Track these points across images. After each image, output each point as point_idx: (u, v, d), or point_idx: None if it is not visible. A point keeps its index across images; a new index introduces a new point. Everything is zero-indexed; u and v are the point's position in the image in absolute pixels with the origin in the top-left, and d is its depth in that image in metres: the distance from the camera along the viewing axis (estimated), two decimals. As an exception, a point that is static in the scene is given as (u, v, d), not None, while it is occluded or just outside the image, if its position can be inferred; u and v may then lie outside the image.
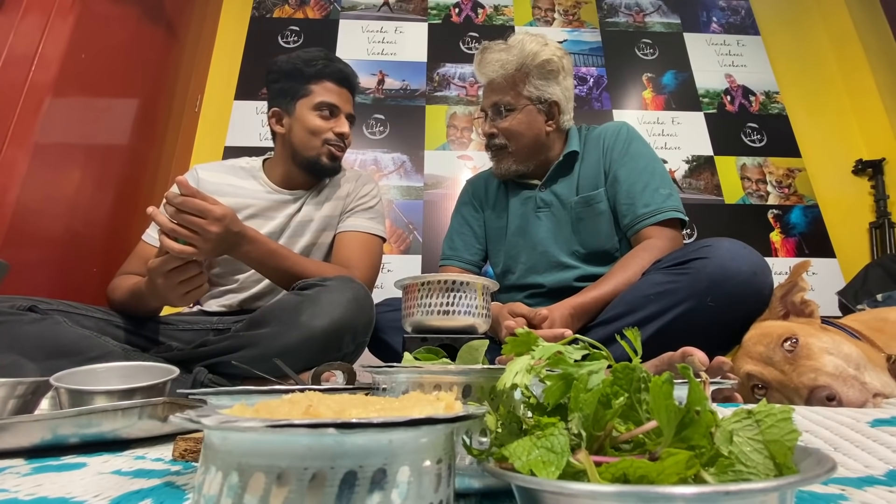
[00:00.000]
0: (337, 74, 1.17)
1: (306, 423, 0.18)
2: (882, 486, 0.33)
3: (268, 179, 1.20)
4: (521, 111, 1.12)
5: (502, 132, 1.13)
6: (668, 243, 1.01)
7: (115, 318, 1.00)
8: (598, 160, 1.14)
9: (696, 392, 0.23)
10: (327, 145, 1.15)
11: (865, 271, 1.55)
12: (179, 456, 0.45)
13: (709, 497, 0.19)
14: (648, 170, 1.08)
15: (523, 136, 1.13)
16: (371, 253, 1.18)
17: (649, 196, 1.05)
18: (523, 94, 1.12)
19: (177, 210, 0.82)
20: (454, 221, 1.31)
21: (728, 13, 2.44)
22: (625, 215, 1.07)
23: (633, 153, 1.10)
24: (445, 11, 2.34)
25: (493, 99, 1.14)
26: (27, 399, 0.58)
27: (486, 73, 1.14)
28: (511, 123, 1.12)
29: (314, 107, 1.14)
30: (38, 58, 1.27)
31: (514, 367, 0.29)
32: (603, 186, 1.11)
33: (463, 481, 0.32)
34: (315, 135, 1.14)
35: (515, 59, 1.10)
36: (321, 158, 1.15)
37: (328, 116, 1.15)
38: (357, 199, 1.23)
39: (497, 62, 1.11)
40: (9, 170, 1.18)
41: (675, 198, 1.06)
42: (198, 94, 2.13)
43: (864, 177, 2.12)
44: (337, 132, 1.15)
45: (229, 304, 1.14)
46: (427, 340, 0.56)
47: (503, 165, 1.17)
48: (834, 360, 0.67)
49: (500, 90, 1.13)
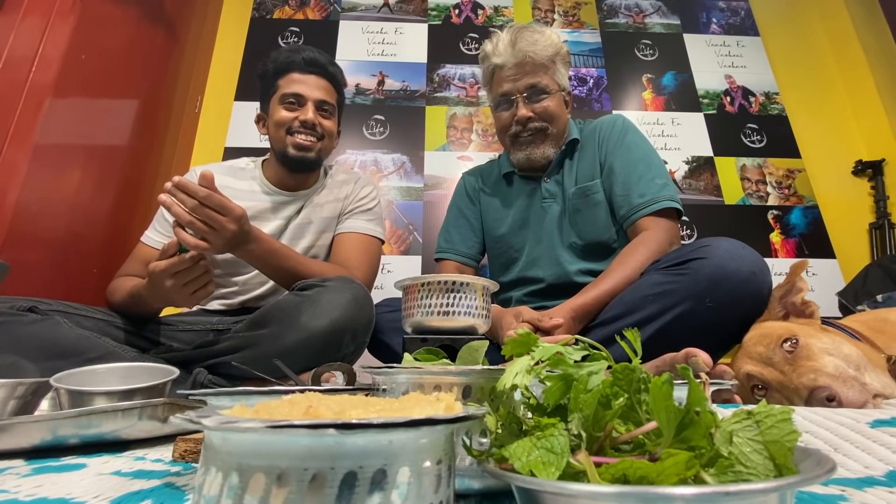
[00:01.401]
0: (300, 63, 1.14)
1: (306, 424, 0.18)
2: (882, 486, 0.33)
3: (266, 181, 1.20)
4: (555, 96, 1.12)
5: (541, 114, 1.11)
6: (664, 234, 1.00)
7: (115, 319, 1.00)
8: (595, 152, 1.14)
9: (695, 393, 0.23)
10: (289, 135, 1.12)
11: (865, 272, 1.55)
12: (179, 457, 0.45)
13: (708, 498, 0.19)
14: (644, 161, 1.08)
15: (560, 119, 1.14)
16: (370, 254, 1.17)
17: (644, 186, 1.05)
18: (555, 79, 1.12)
19: (199, 204, 0.80)
20: (450, 214, 1.30)
21: (728, 14, 2.44)
22: (620, 206, 1.06)
23: (629, 144, 1.11)
24: (445, 12, 2.35)
25: (530, 81, 1.10)
26: (27, 400, 0.58)
27: (527, 52, 1.08)
28: (550, 105, 1.11)
29: (279, 100, 1.13)
30: (38, 59, 1.27)
31: (514, 368, 0.29)
32: (599, 178, 1.11)
33: (463, 482, 0.32)
34: (280, 126, 1.13)
35: (551, 44, 1.10)
36: (288, 150, 1.13)
37: (294, 107, 1.13)
38: (356, 201, 1.23)
39: (540, 42, 1.09)
40: (9, 170, 1.18)
41: (671, 188, 1.06)
42: (198, 94, 2.13)
43: (864, 177, 2.12)
44: (301, 119, 1.12)
45: (230, 303, 1.14)
46: (427, 341, 0.56)
47: (539, 150, 1.13)
48: (834, 360, 0.67)
49: (536, 72, 1.10)
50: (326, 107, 1.16)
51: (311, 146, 1.14)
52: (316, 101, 1.14)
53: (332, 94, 1.18)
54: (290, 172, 1.17)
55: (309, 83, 1.14)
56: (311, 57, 1.15)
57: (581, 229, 1.11)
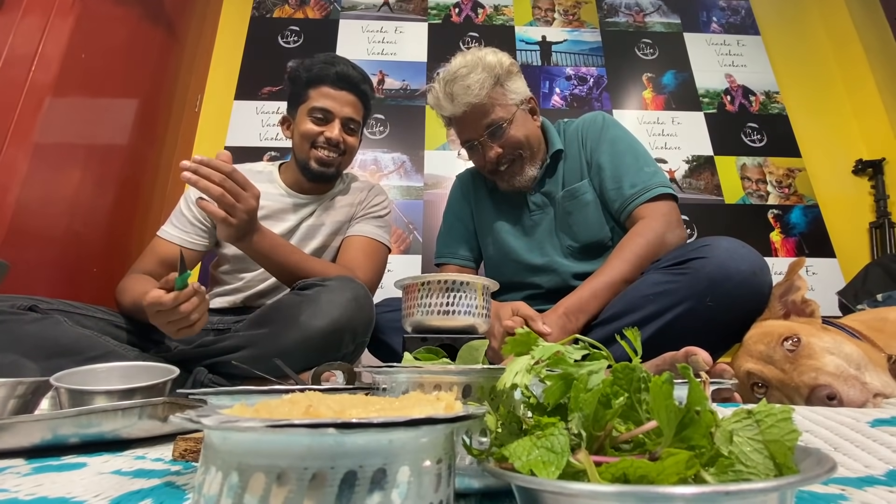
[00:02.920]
0: (332, 77, 1.14)
1: (306, 423, 0.18)
2: (882, 486, 0.33)
3: (283, 184, 1.21)
4: (515, 118, 1.09)
5: (509, 146, 1.09)
6: (660, 221, 0.99)
7: (116, 318, 1.00)
8: (579, 152, 1.13)
9: (696, 392, 0.23)
10: (314, 150, 1.14)
11: (865, 271, 1.55)
12: (179, 456, 0.45)
13: (709, 497, 0.19)
14: (630, 152, 1.07)
15: (528, 138, 1.11)
16: (375, 258, 1.18)
17: (634, 176, 1.04)
18: (508, 103, 1.09)
19: (227, 176, 0.83)
20: (447, 218, 1.30)
21: (728, 13, 2.44)
22: (614, 200, 1.05)
23: (611, 138, 1.10)
24: (445, 11, 2.34)
25: (485, 121, 1.08)
26: (27, 399, 0.58)
27: (467, 102, 1.05)
28: (513, 133, 1.09)
29: (308, 112, 1.14)
30: (38, 58, 1.27)
31: (514, 368, 0.29)
32: (586, 178, 1.11)
33: (463, 481, 0.32)
34: (305, 139, 1.14)
35: (488, 74, 1.06)
36: (310, 163, 1.14)
37: (321, 121, 1.14)
38: (368, 207, 1.24)
39: (476, 84, 1.05)
40: (9, 170, 1.18)
41: (661, 174, 1.05)
42: (198, 93, 2.13)
43: (864, 177, 2.12)
44: (326, 136, 1.13)
45: (233, 300, 1.14)
46: (427, 340, 0.56)
47: (525, 174, 1.12)
48: (835, 359, 0.67)
49: (488, 111, 1.07)
50: (353, 124, 1.17)
51: (332, 161, 1.15)
52: (343, 119, 1.15)
53: (359, 111, 1.19)
54: (311, 181, 1.19)
55: (339, 99, 1.15)
56: (344, 72, 1.15)
57: (576, 231, 1.11)
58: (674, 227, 1.00)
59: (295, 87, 1.18)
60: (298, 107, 1.16)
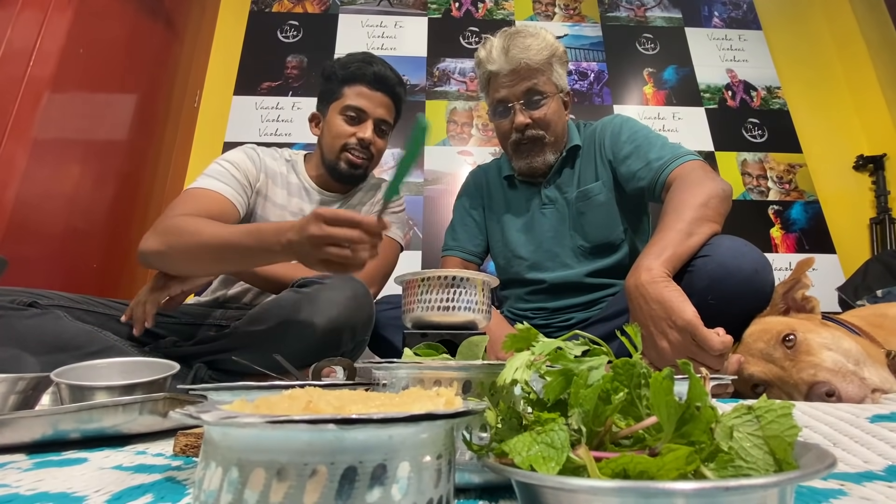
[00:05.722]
0: (370, 77, 1.13)
1: (306, 419, 0.18)
2: (881, 481, 0.33)
3: (308, 177, 1.20)
4: (553, 99, 1.10)
5: (538, 122, 1.08)
6: (699, 172, 0.92)
7: (116, 313, 1.00)
8: (595, 154, 1.13)
9: (696, 388, 0.23)
10: (345, 151, 1.12)
11: (865, 267, 1.55)
12: (180, 451, 0.45)
13: (709, 493, 0.19)
14: (650, 137, 1.06)
15: (557, 125, 1.11)
16: (385, 254, 1.17)
17: (660, 150, 1.01)
18: (552, 82, 1.10)
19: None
20: (456, 212, 1.30)
21: (730, 8, 2.42)
22: (643, 178, 1.01)
23: (630, 132, 1.09)
24: (445, 6, 2.33)
25: (527, 85, 1.07)
26: (28, 394, 0.58)
27: (520, 59, 1.05)
28: (547, 112, 1.08)
29: (341, 110, 1.12)
30: (36, 53, 1.26)
31: (514, 363, 0.29)
32: (601, 180, 1.11)
33: (463, 477, 0.32)
34: (336, 139, 1.12)
35: (546, 46, 1.07)
36: (339, 164, 1.13)
37: (354, 121, 1.12)
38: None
39: (534, 47, 1.05)
40: (8, 165, 1.18)
41: (687, 148, 1.01)
42: (197, 89, 2.12)
43: (865, 172, 2.11)
44: (359, 137, 1.11)
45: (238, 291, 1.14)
46: (427, 336, 0.56)
47: (539, 158, 1.11)
48: (833, 355, 0.67)
49: (532, 76, 1.07)
50: (384, 126, 1.16)
51: (361, 164, 1.14)
52: (376, 119, 1.14)
53: (391, 114, 1.18)
54: (336, 181, 1.17)
55: (374, 100, 1.13)
56: (381, 73, 1.14)
57: (588, 232, 1.10)
58: (713, 176, 0.93)
59: (328, 84, 1.15)
60: (331, 104, 1.14)
